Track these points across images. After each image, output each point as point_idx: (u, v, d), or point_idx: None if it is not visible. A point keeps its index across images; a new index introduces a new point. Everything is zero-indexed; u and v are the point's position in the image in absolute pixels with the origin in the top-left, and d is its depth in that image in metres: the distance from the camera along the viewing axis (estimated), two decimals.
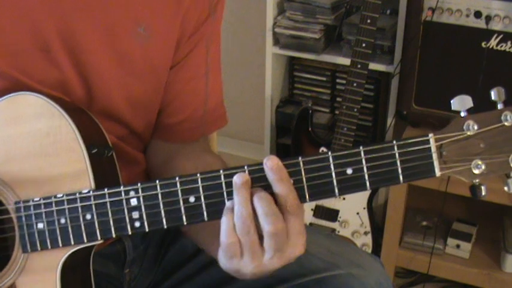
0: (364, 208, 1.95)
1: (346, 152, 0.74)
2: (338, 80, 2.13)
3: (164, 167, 1.04)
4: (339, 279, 1.00)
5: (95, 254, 1.00)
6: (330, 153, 0.74)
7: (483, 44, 1.71)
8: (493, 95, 0.71)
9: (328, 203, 1.97)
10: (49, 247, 0.84)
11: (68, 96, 0.91)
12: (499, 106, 0.71)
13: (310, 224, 1.96)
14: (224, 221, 0.76)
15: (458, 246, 1.89)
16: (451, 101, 0.72)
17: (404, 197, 1.85)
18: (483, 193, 0.74)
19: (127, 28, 0.92)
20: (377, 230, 1.97)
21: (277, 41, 2.07)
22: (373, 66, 1.90)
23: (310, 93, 2.18)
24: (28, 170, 0.84)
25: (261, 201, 0.75)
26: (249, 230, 0.75)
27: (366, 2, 1.75)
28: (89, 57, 0.91)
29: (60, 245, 0.83)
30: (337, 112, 2.11)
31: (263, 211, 0.74)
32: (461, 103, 0.72)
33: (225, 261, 0.79)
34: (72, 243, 0.83)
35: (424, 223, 1.97)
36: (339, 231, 1.96)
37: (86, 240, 0.82)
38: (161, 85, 1.00)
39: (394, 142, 0.73)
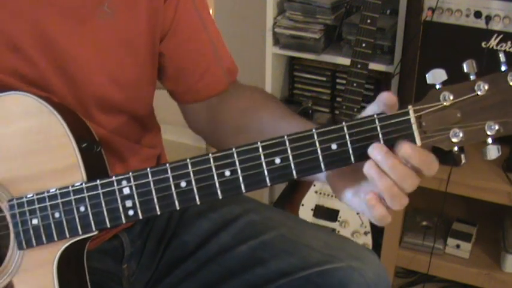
0: None
1: (329, 128, 0.75)
2: (338, 80, 2.12)
3: (211, 125, 1.06)
4: (339, 271, 1.01)
5: (92, 251, 1.00)
6: (314, 130, 0.75)
7: (483, 44, 1.71)
8: (466, 67, 0.74)
9: (329, 203, 1.97)
10: (44, 242, 0.84)
11: (53, 92, 0.92)
12: (472, 77, 0.73)
13: None
14: (371, 200, 0.74)
15: (458, 246, 1.89)
16: (426, 75, 0.74)
17: None
18: (463, 161, 0.76)
19: (92, 9, 0.93)
20: (377, 230, 1.97)
21: (277, 41, 2.07)
22: (373, 66, 1.90)
23: (310, 93, 2.18)
24: (21, 167, 0.85)
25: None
26: (397, 196, 0.74)
27: (366, 2, 1.75)
28: (62, 48, 0.91)
29: (56, 239, 0.84)
30: (337, 112, 2.11)
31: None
32: (435, 76, 0.74)
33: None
34: (68, 236, 0.83)
35: (424, 223, 1.97)
36: (339, 231, 1.96)
37: (81, 233, 0.83)
38: (139, 58, 1.00)
39: (375, 116, 0.74)
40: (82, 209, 0.82)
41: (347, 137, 0.74)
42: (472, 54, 0.73)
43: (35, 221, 0.84)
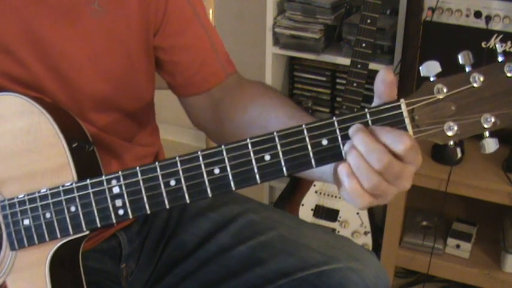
0: None
1: (320, 124, 0.74)
2: (338, 80, 2.12)
3: (215, 120, 1.05)
4: (338, 272, 1.01)
5: (89, 251, 1.00)
6: (304, 125, 0.74)
7: (483, 44, 1.71)
8: (461, 59, 0.72)
9: (329, 203, 1.97)
10: (36, 242, 0.84)
11: (45, 93, 0.92)
12: (467, 69, 0.71)
13: None
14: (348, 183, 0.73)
15: (458, 246, 1.89)
16: (420, 68, 0.72)
17: (404, 197, 1.85)
18: (459, 155, 0.74)
19: (82, 8, 0.93)
20: (377, 230, 1.97)
21: (277, 41, 2.07)
22: (373, 66, 1.90)
23: (310, 93, 2.18)
24: (11, 168, 0.85)
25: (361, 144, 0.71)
26: (365, 169, 0.71)
27: (366, 2, 1.75)
28: (53, 47, 0.91)
29: (47, 239, 0.84)
30: (337, 112, 2.11)
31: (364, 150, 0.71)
32: (429, 69, 0.72)
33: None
34: (59, 236, 0.84)
35: (424, 223, 1.97)
36: (339, 231, 1.96)
37: (72, 233, 0.83)
38: (133, 55, 1.00)
39: (366, 110, 0.73)
40: (73, 209, 0.82)
41: (338, 132, 0.73)
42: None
43: (26, 222, 0.84)
